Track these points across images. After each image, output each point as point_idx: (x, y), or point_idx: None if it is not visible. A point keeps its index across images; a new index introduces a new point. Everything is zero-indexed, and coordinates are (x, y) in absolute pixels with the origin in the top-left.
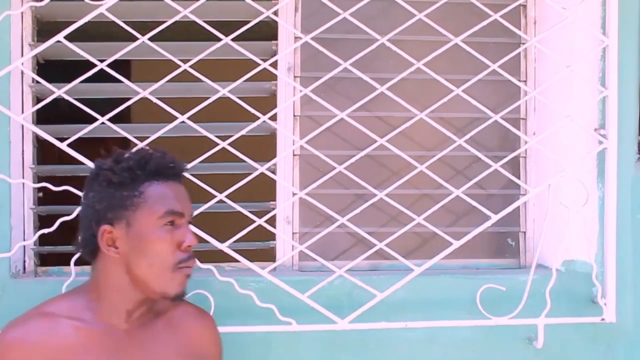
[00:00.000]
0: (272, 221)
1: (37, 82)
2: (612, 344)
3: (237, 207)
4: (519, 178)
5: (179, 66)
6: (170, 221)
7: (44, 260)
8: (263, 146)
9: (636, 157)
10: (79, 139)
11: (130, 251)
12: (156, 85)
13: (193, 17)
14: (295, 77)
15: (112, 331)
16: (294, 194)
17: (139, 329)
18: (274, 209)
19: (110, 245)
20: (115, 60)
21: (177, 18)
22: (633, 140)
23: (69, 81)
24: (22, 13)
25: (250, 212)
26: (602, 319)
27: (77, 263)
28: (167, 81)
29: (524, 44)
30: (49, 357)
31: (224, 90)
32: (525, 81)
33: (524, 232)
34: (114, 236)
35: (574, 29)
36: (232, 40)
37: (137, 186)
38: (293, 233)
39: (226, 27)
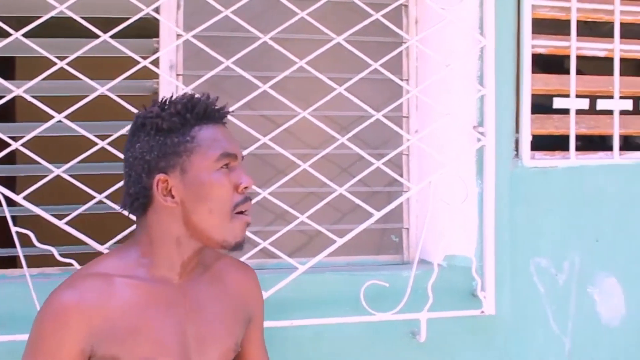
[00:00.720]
0: None
1: None
2: (492, 336)
3: (118, 208)
4: (401, 175)
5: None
6: (225, 164)
7: None
8: None
9: (513, 153)
10: None
11: (187, 199)
12: (31, 83)
13: (69, 13)
14: (177, 75)
15: (166, 286)
16: None
17: (191, 283)
18: None
19: (166, 195)
20: None
21: (52, 14)
22: (510, 138)
23: None
24: None
25: None
26: (482, 312)
27: None
28: (49, 79)
29: (405, 43)
30: (107, 319)
31: (102, 89)
32: (407, 80)
33: (407, 229)
34: (170, 185)
35: (453, 29)
36: (113, 37)
37: (187, 131)
38: None
39: (111, 24)
